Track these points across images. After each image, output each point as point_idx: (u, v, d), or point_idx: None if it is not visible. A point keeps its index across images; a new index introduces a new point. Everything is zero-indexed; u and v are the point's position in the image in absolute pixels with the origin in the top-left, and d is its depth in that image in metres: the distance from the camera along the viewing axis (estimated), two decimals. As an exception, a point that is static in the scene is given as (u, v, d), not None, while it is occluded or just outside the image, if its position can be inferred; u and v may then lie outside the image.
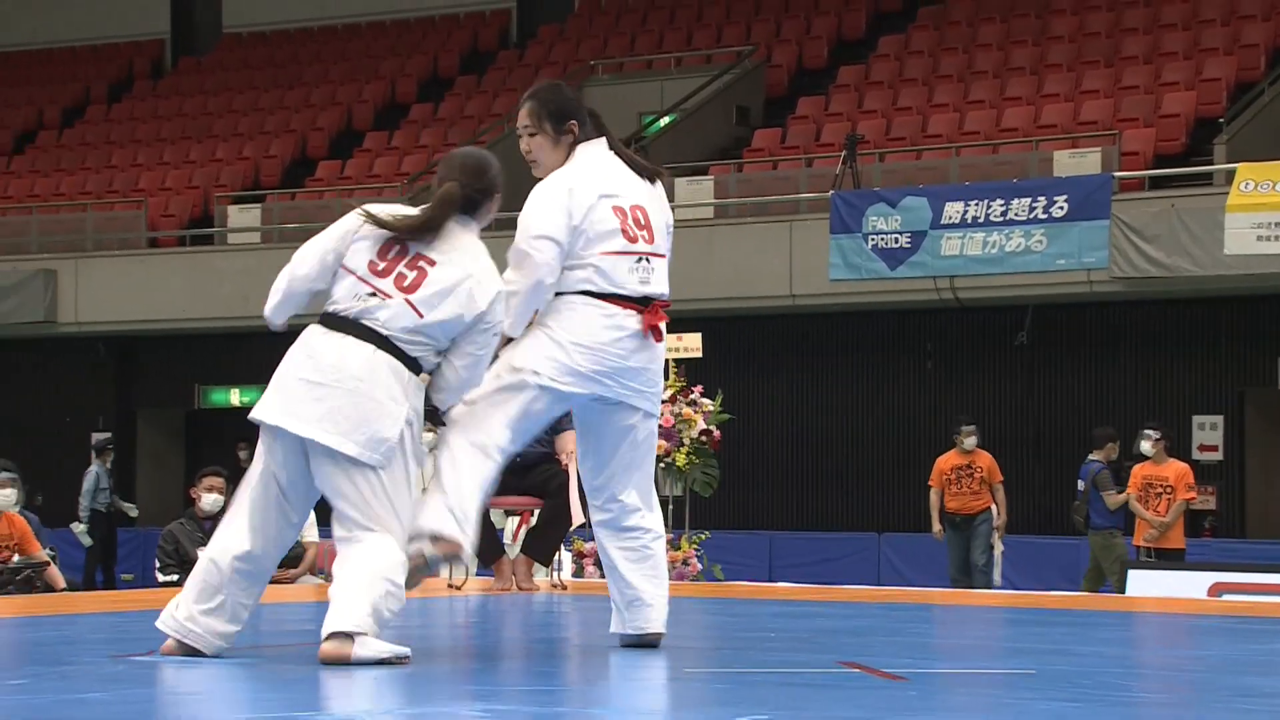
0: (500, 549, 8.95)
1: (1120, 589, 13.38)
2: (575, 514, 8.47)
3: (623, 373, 5.29)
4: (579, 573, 11.28)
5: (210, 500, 10.44)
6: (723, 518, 15.94)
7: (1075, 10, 21.03)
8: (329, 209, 20.71)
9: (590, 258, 5.26)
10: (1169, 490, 13.55)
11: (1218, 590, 11.53)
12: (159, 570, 10.26)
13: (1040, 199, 15.58)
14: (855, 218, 16.18)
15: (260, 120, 24.51)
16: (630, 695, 4.63)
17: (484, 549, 8.86)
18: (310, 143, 23.80)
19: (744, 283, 17.51)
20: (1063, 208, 15.46)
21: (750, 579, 13.99)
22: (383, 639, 4.86)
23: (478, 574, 9.39)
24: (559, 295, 5.26)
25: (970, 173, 17.51)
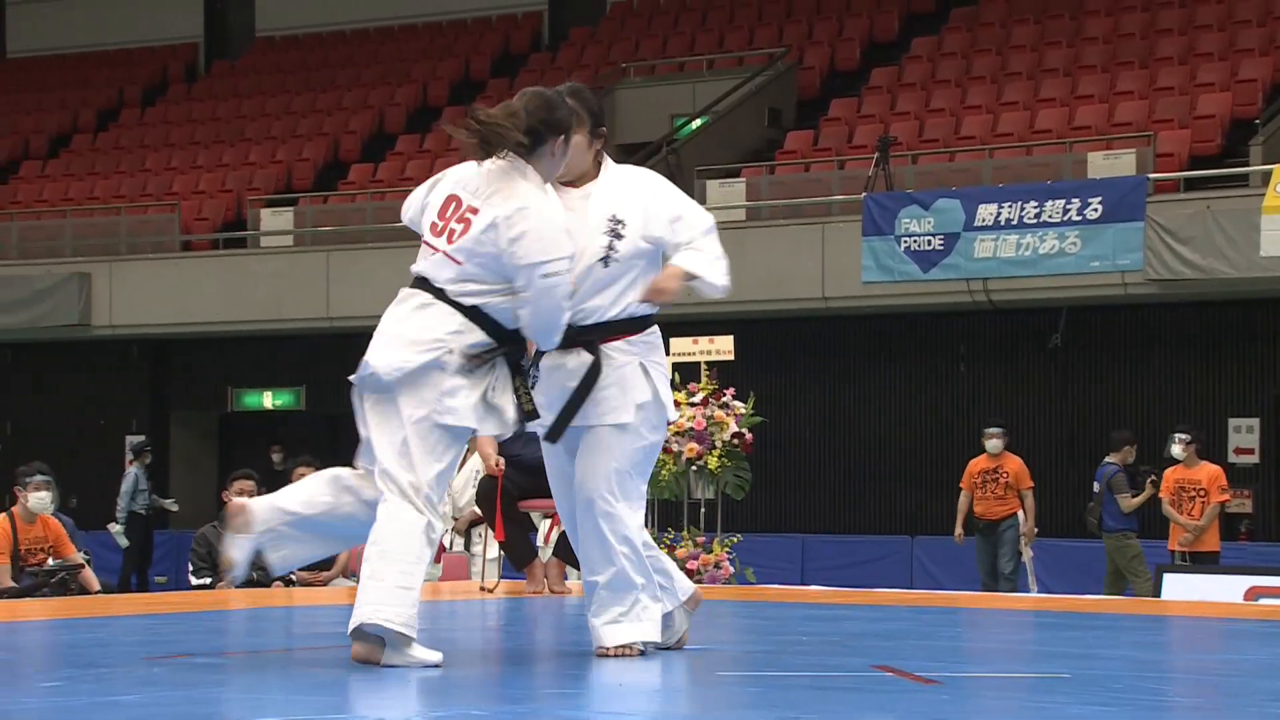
0: (533, 552, 8.95)
1: (1144, 589, 13.33)
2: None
3: None
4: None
5: (241, 504, 10.42)
6: (755, 521, 15.93)
7: (1110, 11, 20.94)
8: (361, 212, 20.78)
9: None
10: (1202, 493, 13.47)
11: (1254, 594, 11.46)
12: (192, 573, 10.29)
13: (1074, 201, 15.51)
14: (888, 220, 16.14)
15: (293, 123, 24.59)
16: (662, 699, 4.62)
17: (516, 552, 8.87)
18: (343, 146, 23.87)
19: (776, 285, 17.49)
20: (1097, 210, 15.40)
21: (782, 582, 13.96)
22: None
23: (510, 577, 9.39)
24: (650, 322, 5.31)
25: (1004, 174, 17.46)
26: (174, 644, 6.05)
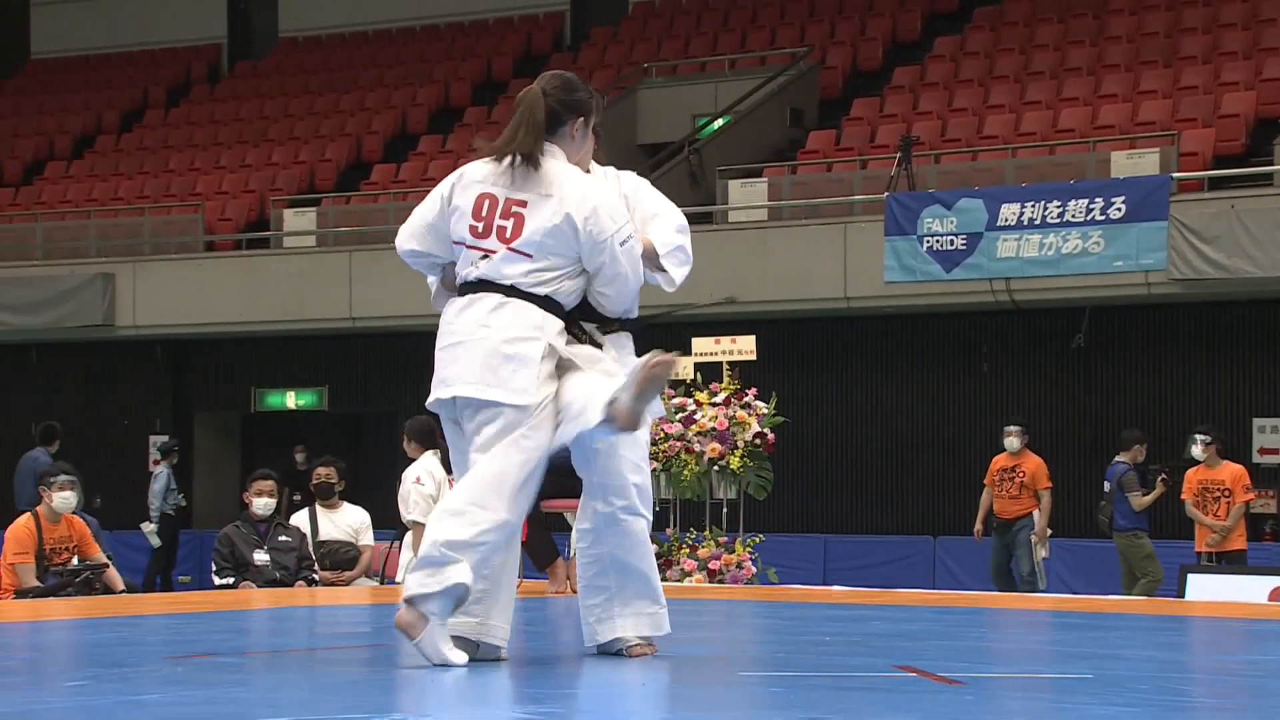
0: (555, 552, 8.96)
1: (1151, 588, 13.31)
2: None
3: None
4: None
5: (262, 504, 10.46)
6: (777, 521, 15.91)
7: (1133, 10, 20.88)
8: (384, 212, 20.81)
9: None
10: (1226, 493, 13.41)
11: (1279, 595, 11.41)
12: (215, 573, 10.31)
13: (1098, 200, 15.47)
14: (910, 220, 16.11)
15: (315, 124, 24.64)
16: (685, 699, 4.62)
17: (539, 552, 8.88)
18: (365, 146, 23.92)
19: (798, 285, 17.47)
20: (1120, 209, 15.35)
21: (804, 583, 13.94)
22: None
23: (531, 577, 9.40)
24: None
25: (1026, 174, 17.41)
26: (197, 644, 6.07)
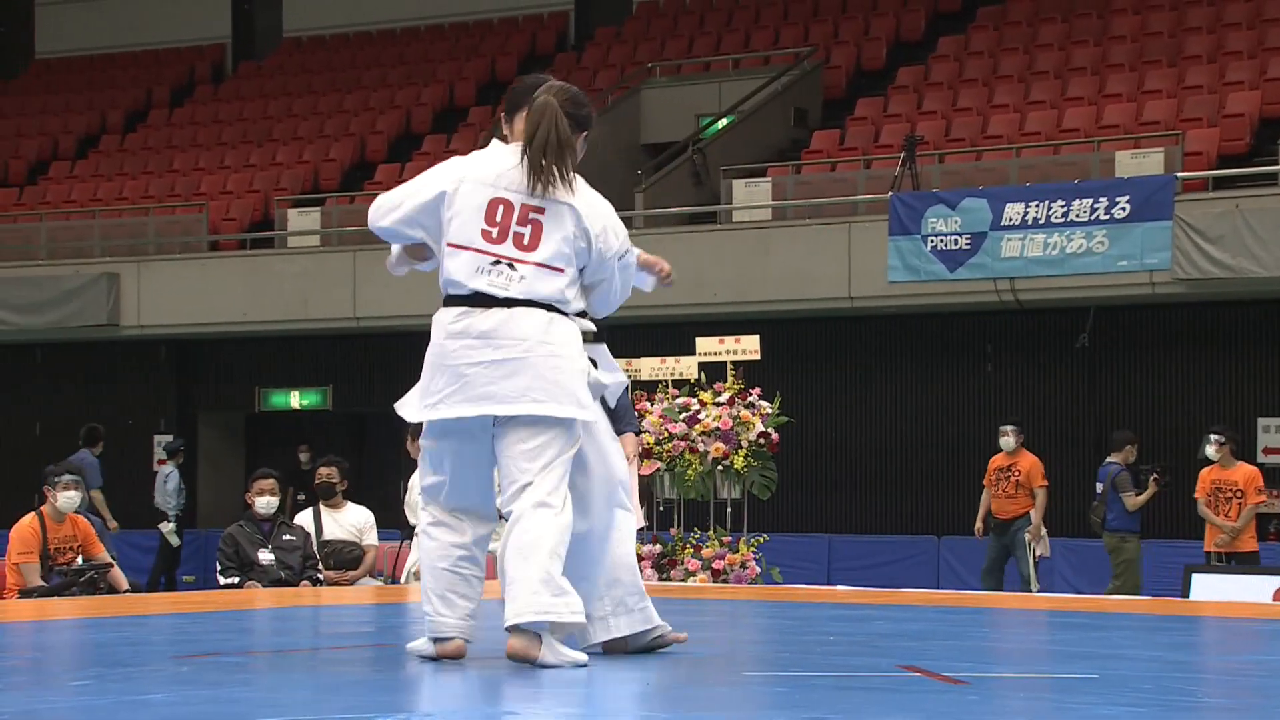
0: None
1: (1127, 592, 13.33)
2: (636, 516, 8.46)
3: None
4: (637, 575, 11.26)
5: (264, 503, 10.46)
6: (781, 521, 15.91)
7: (1137, 9, 20.87)
8: (388, 212, 20.79)
9: None
10: (1239, 494, 13.36)
11: (1282, 595, 11.40)
12: (220, 573, 10.32)
13: (1102, 200, 15.47)
14: (914, 219, 16.11)
15: (319, 124, 24.66)
16: (689, 699, 4.62)
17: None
18: (369, 146, 23.93)
19: (802, 285, 17.47)
20: (1125, 209, 15.34)
21: (808, 582, 13.94)
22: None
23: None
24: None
25: (1031, 174, 17.41)
26: (202, 643, 6.07)
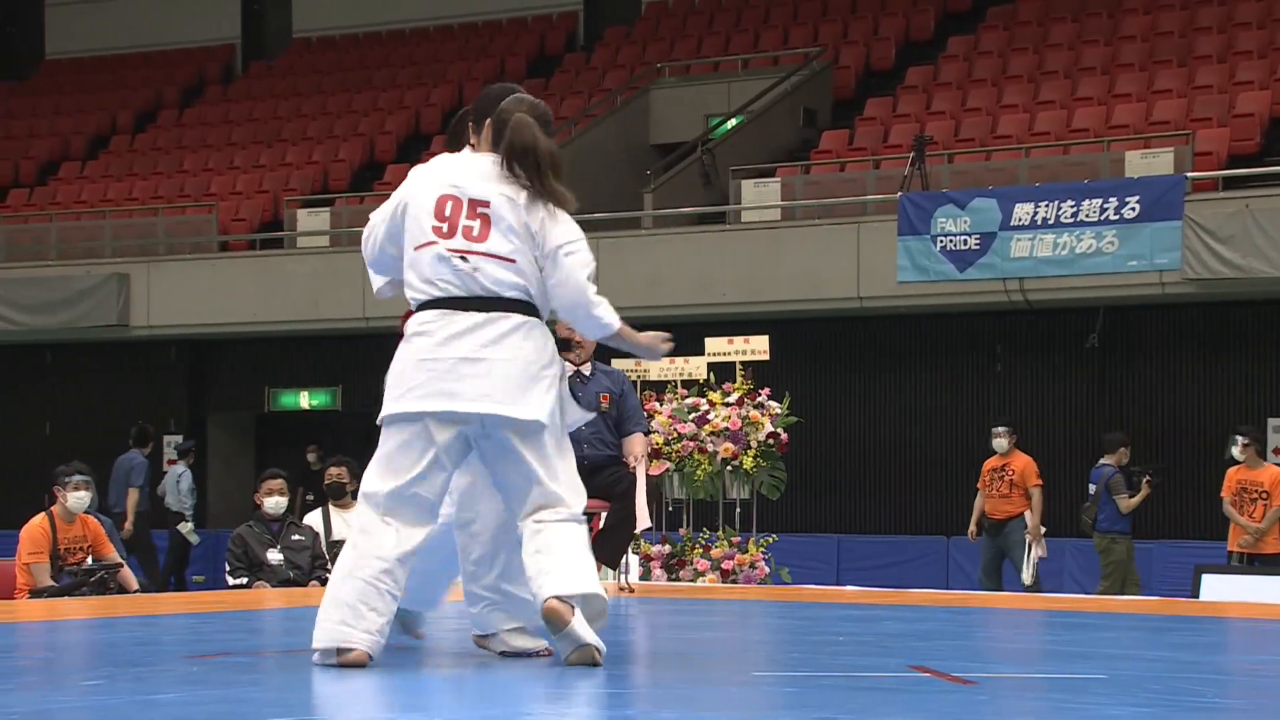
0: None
1: (1111, 592, 13.31)
2: (642, 517, 8.48)
3: None
4: (645, 575, 11.29)
5: (272, 502, 10.47)
6: (790, 521, 15.91)
7: (1147, 9, 20.85)
8: (397, 212, 20.81)
9: None
10: (1264, 495, 13.25)
11: (1292, 595, 11.37)
12: (229, 573, 10.34)
13: (1112, 200, 15.45)
14: (923, 219, 16.10)
15: (329, 124, 24.68)
16: (698, 698, 4.62)
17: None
18: (378, 146, 23.94)
19: (811, 285, 17.46)
20: (1134, 209, 15.33)
21: (817, 583, 13.95)
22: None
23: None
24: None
25: (1040, 174, 17.39)
26: (212, 643, 6.08)
